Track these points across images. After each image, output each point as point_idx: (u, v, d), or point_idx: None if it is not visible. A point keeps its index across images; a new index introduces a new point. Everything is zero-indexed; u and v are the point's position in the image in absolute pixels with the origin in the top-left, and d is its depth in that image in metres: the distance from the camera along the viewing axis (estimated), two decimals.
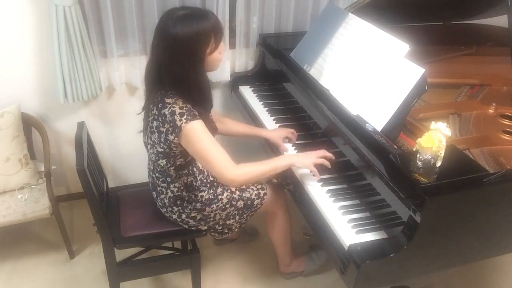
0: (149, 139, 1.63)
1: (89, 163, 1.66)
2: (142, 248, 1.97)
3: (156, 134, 1.56)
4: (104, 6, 2.06)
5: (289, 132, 1.93)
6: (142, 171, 2.05)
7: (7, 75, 2.14)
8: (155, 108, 1.54)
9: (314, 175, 1.65)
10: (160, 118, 1.51)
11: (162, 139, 1.55)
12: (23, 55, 2.12)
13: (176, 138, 1.51)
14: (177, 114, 1.48)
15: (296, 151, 1.88)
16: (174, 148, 1.58)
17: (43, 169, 2.17)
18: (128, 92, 2.41)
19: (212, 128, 1.64)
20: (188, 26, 1.43)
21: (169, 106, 1.49)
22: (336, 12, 1.94)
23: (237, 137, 1.99)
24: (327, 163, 1.65)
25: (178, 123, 1.47)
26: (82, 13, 2.01)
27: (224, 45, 1.57)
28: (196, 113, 1.52)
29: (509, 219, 1.47)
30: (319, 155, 1.66)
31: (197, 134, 1.50)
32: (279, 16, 2.44)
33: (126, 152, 2.58)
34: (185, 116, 1.48)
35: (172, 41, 1.43)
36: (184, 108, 1.49)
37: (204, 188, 1.74)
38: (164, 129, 1.52)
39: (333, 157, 1.66)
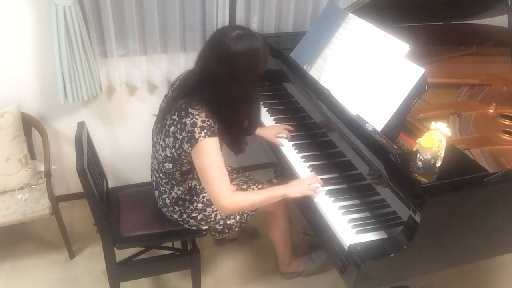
0: (161, 141, 1.62)
1: (89, 163, 1.66)
2: (142, 248, 1.97)
3: (172, 139, 1.55)
4: (104, 6, 2.06)
5: (283, 127, 1.96)
6: (142, 171, 2.05)
7: (7, 75, 2.14)
8: (176, 114, 1.53)
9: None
10: (179, 126, 1.51)
11: (176, 145, 1.55)
12: (23, 55, 2.11)
13: (189, 148, 1.51)
14: (198, 126, 1.48)
15: (296, 150, 1.88)
16: (184, 157, 1.58)
17: (43, 169, 2.17)
18: (128, 92, 2.41)
19: (240, 148, 1.67)
20: (248, 45, 1.45)
21: (191, 116, 1.49)
22: (336, 12, 1.94)
23: None
24: (318, 188, 1.65)
25: (197, 135, 1.47)
26: (82, 13, 2.01)
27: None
28: (216, 130, 1.52)
29: (509, 219, 1.47)
30: (310, 182, 1.66)
31: (208, 151, 1.50)
32: (279, 16, 2.44)
33: (126, 152, 2.58)
34: (205, 130, 1.48)
35: (232, 59, 1.44)
36: (206, 122, 1.49)
37: (203, 186, 1.74)
38: (181, 137, 1.52)
39: (321, 183, 1.67)
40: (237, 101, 1.53)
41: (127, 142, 2.55)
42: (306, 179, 1.68)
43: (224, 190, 1.52)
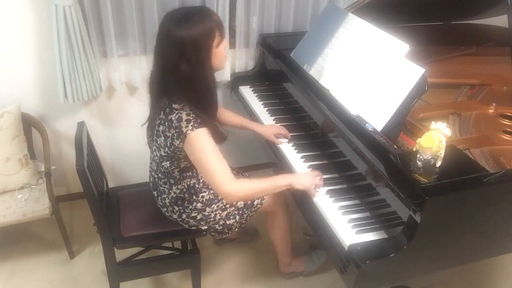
0: (154, 142, 1.63)
1: (89, 163, 1.66)
2: (142, 248, 1.97)
3: (162, 138, 1.56)
4: (104, 6, 2.06)
5: (282, 129, 1.95)
6: (142, 171, 2.05)
7: (7, 75, 2.14)
8: (162, 112, 1.54)
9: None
10: (166, 123, 1.52)
11: (168, 144, 1.55)
12: (23, 55, 2.11)
13: (181, 143, 1.51)
14: (183, 120, 1.47)
15: (296, 150, 1.88)
16: (178, 153, 1.58)
17: (43, 169, 2.17)
18: (128, 92, 2.41)
19: (219, 135, 1.61)
20: (192, 26, 1.43)
21: (176, 112, 1.49)
22: (336, 12, 1.94)
23: (230, 127, 1.96)
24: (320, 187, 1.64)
25: (184, 129, 1.47)
26: (82, 13, 2.01)
27: (226, 42, 1.57)
28: (202, 121, 1.51)
29: (509, 219, 1.47)
30: (316, 182, 1.62)
31: (200, 143, 1.49)
32: (279, 16, 2.44)
33: (126, 152, 2.58)
34: (191, 123, 1.48)
35: (178, 43, 1.43)
36: (191, 115, 1.49)
37: (205, 189, 1.74)
38: (170, 134, 1.52)
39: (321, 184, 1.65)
40: (196, 80, 1.49)
41: (127, 142, 2.55)
42: (313, 175, 1.64)
43: (225, 178, 1.50)
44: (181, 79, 1.48)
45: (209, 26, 1.45)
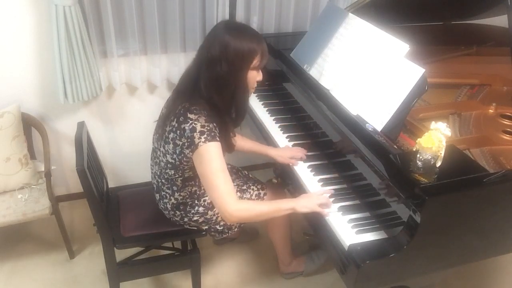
0: (161, 147, 1.61)
1: (89, 163, 1.66)
2: (142, 248, 1.97)
3: (171, 145, 1.55)
4: (104, 6, 2.06)
5: (297, 151, 1.84)
6: (142, 171, 2.05)
7: (7, 75, 2.14)
8: (175, 120, 1.52)
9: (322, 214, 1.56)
10: (178, 132, 1.50)
11: (177, 151, 1.54)
12: (23, 55, 2.12)
13: (190, 153, 1.50)
14: (197, 131, 1.46)
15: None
16: (185, 162, 1.57)
17: (43, 169, 2.17)
18: (128, 92, 2.41)
19: (229, 145, 1.63)
20: (241, 38, 1.46)
21: (190, 122, 1.47)
22: (336, 12, 1.94)
23: (244, 152, 1.95)
24: (329, 205, 1.57)
25: (196, 140, 1.46)
26: (82, 13, 2.01)
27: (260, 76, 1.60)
28: (217, 134, 1.50)
29: (509, 219, 1.47)
30: (320, 200, 1.56)
31: (210, 157, 1.47)
32: (279, 16, 2.44)
33: (126, 152, 2.58)
34: (204, 135, 1.46)
35: (223, 45, 1.45)
36: (206, 127, 1.47)
37: (207, 194, 1.74)
38: (180, 143, 1.51)
39: (331, 205, 1.58)
40: (226, 84, 1.50)
41: (127, 142, 2.55)
42: (316, 195, 1.60)
43: (228, 195, 1.48)
44: (214, 78, 1.49)
45: (255, 46, 1.48)
